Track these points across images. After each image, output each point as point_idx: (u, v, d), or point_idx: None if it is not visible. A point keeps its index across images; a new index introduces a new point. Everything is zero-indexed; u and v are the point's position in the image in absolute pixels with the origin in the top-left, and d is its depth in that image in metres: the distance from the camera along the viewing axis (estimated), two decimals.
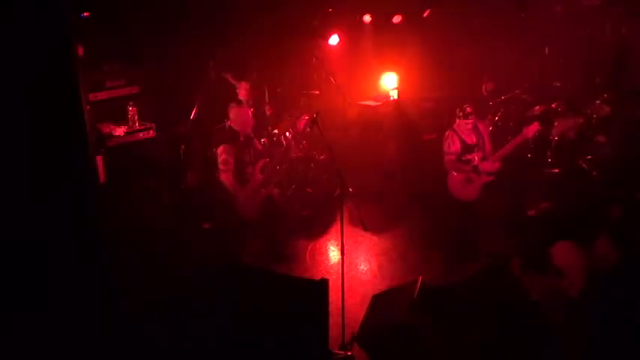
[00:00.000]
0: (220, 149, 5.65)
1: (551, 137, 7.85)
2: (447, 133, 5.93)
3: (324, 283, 3.56)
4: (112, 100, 6.43)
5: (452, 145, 5.84)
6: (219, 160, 5.63)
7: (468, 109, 5.84)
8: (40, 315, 3.06)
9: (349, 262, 6.01)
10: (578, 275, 4.27)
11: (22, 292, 3.01)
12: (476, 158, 5.82)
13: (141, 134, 6.46)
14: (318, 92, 8.05)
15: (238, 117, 5.77)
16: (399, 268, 5.89)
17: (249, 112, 5.93)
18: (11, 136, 2.87)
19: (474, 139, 5.88)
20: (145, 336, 3.68)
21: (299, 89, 8.01)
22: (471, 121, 5.83)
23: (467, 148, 5.84)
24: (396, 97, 8.35)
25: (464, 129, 5.87)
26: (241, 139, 5.76)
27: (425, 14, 8.69)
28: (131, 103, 6.55)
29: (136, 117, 6.52)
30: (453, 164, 5.85)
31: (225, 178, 5.59)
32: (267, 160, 5.90)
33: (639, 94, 7.43)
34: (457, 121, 5.89)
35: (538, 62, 8.56)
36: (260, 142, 6.35)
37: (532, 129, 5.77)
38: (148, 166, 6.48)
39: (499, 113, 8.05)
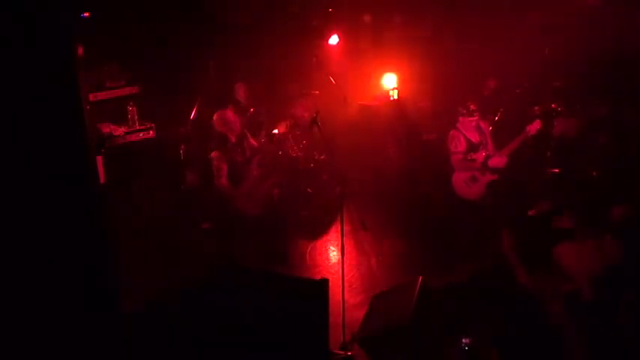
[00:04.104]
0: (213, 155, 5.82)
1: (551, 137, 7.85)
2: (451, 132, 5.92)
3: (324, 283, 3.56)
4: (112, 100, 6.43)
5: (458, 145, 5.84)
6: (214, 166, 5.79)
7: (472, 107, 5.87)
8: (40, 315, 3.06)
9: (349, 262, 6.01)
10: (580, 276, 4.27)
11: (23, 292, 3.01)
12: (480, 157, 5.82)
13: (141, 134, 6.46)
14: (318, 92, 8.05)
15: (223, 120, 5.90)
16: (398, 268, 5.88)
17: (231, 114, 6.05)
18: (10, 136, 2.87)
19: (478, 138, 5.88)
20: (144, 336, 3.67)
21: (299, 89, 8.01)
22: (475, 118, 5.84)
23: (472, 147, 5.84)
24: (396, 97, 8.35)
25: (468, 127, 5.86)
26: (232, 140, 5.87)
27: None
28: (131, 103, 6.55)
29: (136, 117, 6.52)
30: (461, 163, 5.84)
31: (220, 183, 5.75)
32: (262, 155, 6.04)
33: (639, 93, 7.43)
34: (460, 119, 5.88)
35: (538, 62, 8.56)
36: (255, 139, 6.43)
37: (534, 126, 5.86)
38: (148, 166, 6.48)
39: (499, 113, 8.05)
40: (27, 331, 3.00)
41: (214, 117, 5.97)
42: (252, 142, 6.13)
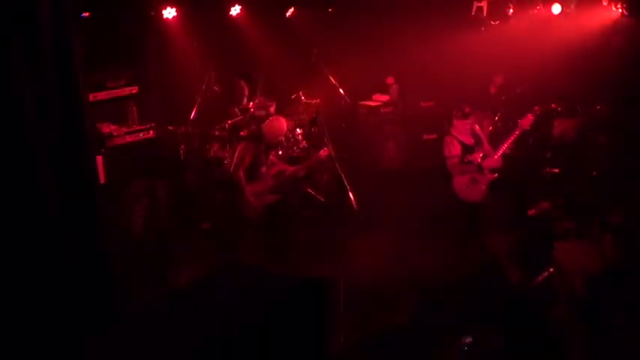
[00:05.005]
0: (242, 146, 5.92)
1: (551, 137, 7.85)
2: (445, 138, 5.94)
3: (325, 283, 3.56)
4: (112, 100, 6.42)
5: (452, 149, 5.84)
6: (237, 154, 5.85)
7: (467, 109, 5.87)
8: (40, 313, 3.06)
9: (349, 261, 6.01)
10: (580, 277, 4.27)
11: (23, 290, 3.01)
12: (477, 158, 5.83)
13: (141, 134, 6.45)
14: (317, 92, 8.05)
15: (274, 125, 6.01)
16: (399, 268, 5.88)
17: (285, 124, 6.15)
18: (11, 136, 2.87)
19: (472, 140, 5.90)
20: (144, 335, 3.67)
21: (299, 89, 8.01)
22: (469, 121, 5.85)
23: (467, 149, 5.85)
24: (396, 97, 8.35)
25: (462, 129, 5.87)
26: (266, 143, 5.98)
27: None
28: (131, 103, 6.54)
29: (136, 117, 6.52)
30: (457, 167, 5.85)
31: (236, 173, 5.79)
32: (280, 168, 6.11)
33: (639, 94, 7.43)
34: (455, 122, 5.90)
35: (538, 62, 8.56)
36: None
37: (527, 121, 5.94)
38: (148, 166, 6.48)
39: (499, 113, 8.05)
40: (25, 329, 3.00)
41: (271, 118, 6.13)
42: (281, 164, 6.20)
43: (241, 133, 6.70)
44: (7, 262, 2.91)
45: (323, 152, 6.17)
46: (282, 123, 6.10)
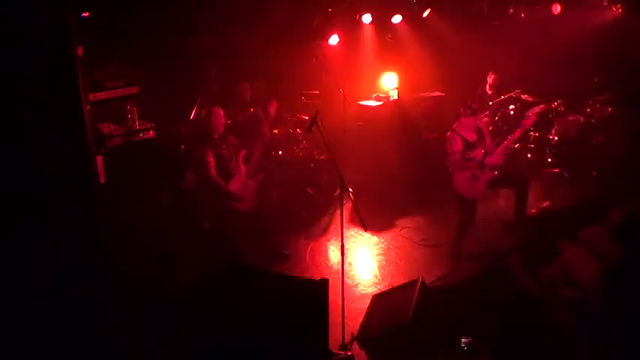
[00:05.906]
0: (198, 150, 6.01)
1: (551, 137, 7.86)
2: (447, 134, 5.97)
3: (324, 283, 3.56)
4: (112, 100, 6.42)
5: (454, 145, 5.86)
6: (202, 160, 5.94)
7: (474, 105, 5.94)
8: (40, 313, 3.06)
9: (349, 262, 6.02)
10: (580, 276, 4.27)
11: (23, 290, 3.01)
12: (479, 155, 5.84)
13: (141, 134, 6.45)
14: (317, 92, 8.05)
15: (211, 117, 6.08)
16: (399, 268, 5.88)
17: (221, 112, 6.20)
18: (11, 136, 2.87)
19: (474, 136, 5.92)
20: (144, 336, 3.67)
21: (299, 89, 8.01)
22: (476, 117, 5.90)
23: (469, 146, 5.86)
24: (396, 97, 8.35)
25: (467, 125, 5.88)
26: (215, 136, 6.05)
27: (425, 14, 8.70)
28: (131, 103, 6.54)
29: (136, 117, 6.51)
30: (459, 163, 5.87)
31: (209, 175, 5.86)
32: (246, 150, 6.18)
33: (639, 94, 7.44)
34: (461, 119, 5.91)
35: (538, 62, 8.56)
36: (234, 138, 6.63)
37: (529, 121, 5.99)
38: (148, 166, 6.47)
39: (499, 113, 8.05)
40: (26, 330, 3.00)
41: (203, 112, 6.23)
42: (232, 140, 6.27)
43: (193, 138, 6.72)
44: (7, 262, 2.91)
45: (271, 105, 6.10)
46: (217, 111, 6.13)
